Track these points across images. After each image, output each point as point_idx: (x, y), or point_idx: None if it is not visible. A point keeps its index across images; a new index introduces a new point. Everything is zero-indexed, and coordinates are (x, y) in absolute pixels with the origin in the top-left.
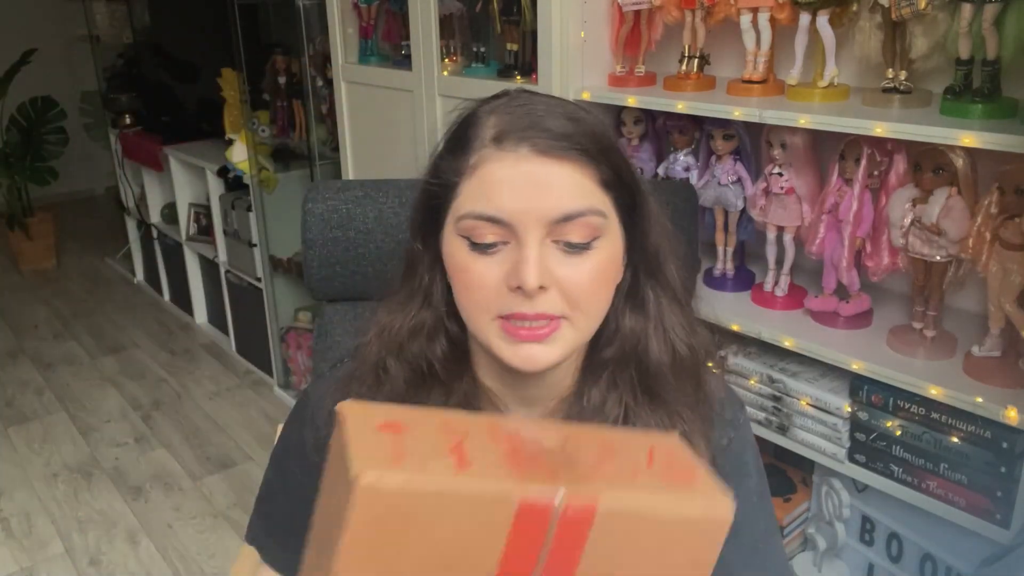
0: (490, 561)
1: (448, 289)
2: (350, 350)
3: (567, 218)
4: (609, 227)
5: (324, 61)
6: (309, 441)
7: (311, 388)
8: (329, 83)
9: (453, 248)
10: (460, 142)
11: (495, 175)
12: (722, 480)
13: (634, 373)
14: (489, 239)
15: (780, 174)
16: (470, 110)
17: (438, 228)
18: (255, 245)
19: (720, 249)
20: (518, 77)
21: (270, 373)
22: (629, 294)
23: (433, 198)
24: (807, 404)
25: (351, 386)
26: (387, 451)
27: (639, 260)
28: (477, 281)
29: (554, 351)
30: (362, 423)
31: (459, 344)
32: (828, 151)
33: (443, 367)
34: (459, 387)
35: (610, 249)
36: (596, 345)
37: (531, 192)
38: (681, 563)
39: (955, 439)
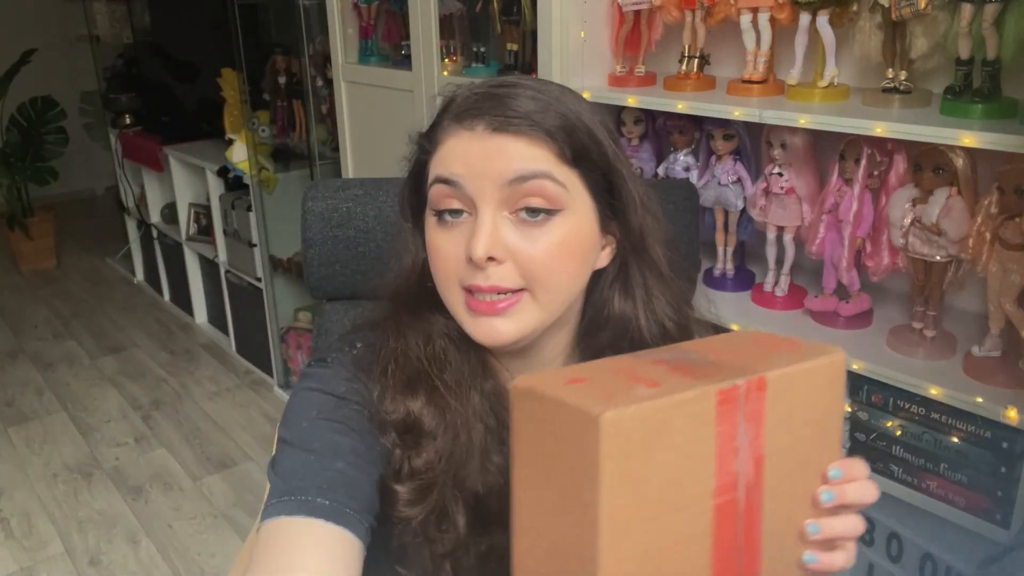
0: (709, 450)
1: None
2: (350, 337)
3: (519, 179)
4: (571, 201)
5: (324, 61)
6: (364, 394)
7: (338, 360)
8: (329, 83)
9: (428, 227)
10: (433, 121)
11: (454, 147)
12: None
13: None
14: (450, 205)
15: (780, 174)
16: (452, 92)
17: (422, 207)
18: (255, 245)
19: (720, 249)
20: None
21: (270, 373)
22: (618, 278)
23: (414, 176)
24: None
25: (395, 368)
26: (596, 395)
27: (624, 244)
28: (441, 255)
29: (514, 325)
30: (553, 386)
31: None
32: (828, 151)
33: (464, 335)
34: (474, 356)
35: (573, 225)
36: (590, 330)
37: (484, 159)
38: (830, 406)
39: (955, 439)
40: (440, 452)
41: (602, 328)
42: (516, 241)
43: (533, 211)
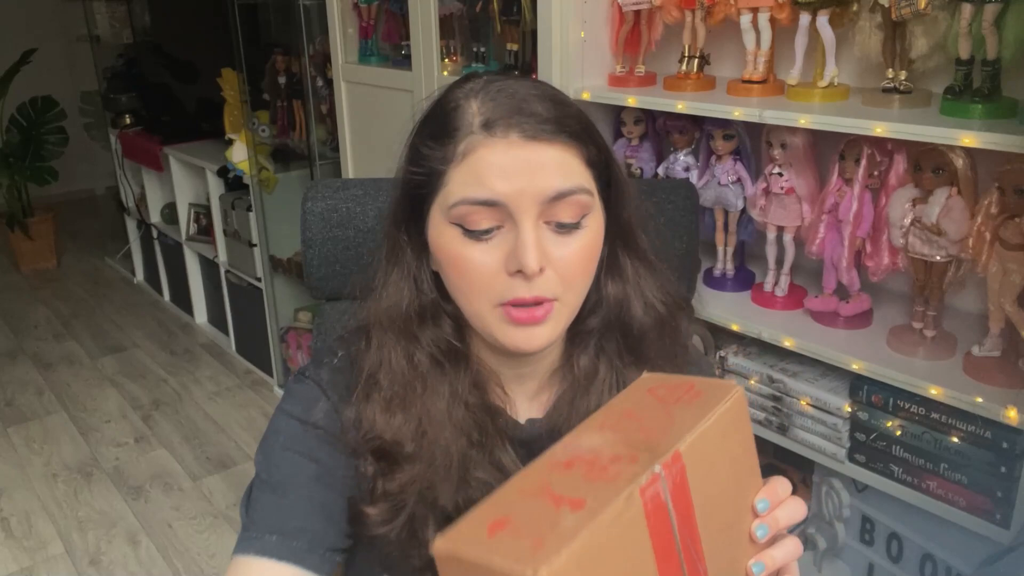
0: (646, 544)
1: (434, 276)
2: (332, 346)
3: (559, 196)
4: (595, 204)
5: (324, 61)
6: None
7: (316, 379)
8: (329, 83)
9: (445, 238)
10: (444, 129)
11: (487, 160)
12: None
13: (619, 337)
14: (484, 225)
15: (780, 174)
16: (445, 96)
17: (422, 217)
18: (255, 245)
19: (720, 249)
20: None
21: (270, 373)
22: (608, 264)
23: (417, 187)
24: (807, 404)
25: (371, 389)
26: (524, 545)
27: (615, 231)
28: (475, 268)
29: (550, 331)
30: (476, 543)
31: (461, 324)
32: (828, 151)
33: (452, 348)
34: (468, 366)
35: (596, 226)
36: (580, 315)
37: (524, 174)
38: (742, 441)
39: (955, 439)
40: (415, 476)
41: (592, 313)
42: (554, 249)
43: (566, 223)
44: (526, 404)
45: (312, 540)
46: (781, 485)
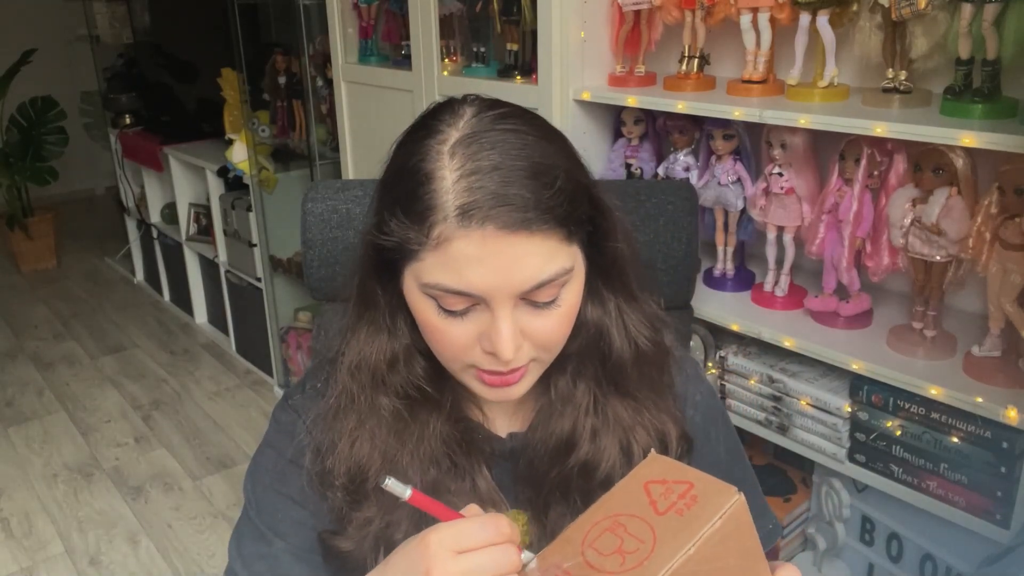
0: None
1: (411, 319)
2: (322, 364)
3: (538, 286)
4: (575, 272)
5: (324, 61)
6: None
7: (295, 408)
8: (329, 83)
9: (420, 305)
10: (417, 204)
11: (462, 252)
12: (700, 430)
13: (598, 365)
14: (459, 307)
15: (780, 174)
16: (416, 154)
17: (396, 274)
18: (255, 245)
19: (720, 249)
20: (518, 77)
21: (270, 373)
22: (590, 291)
23: (388, 252)
24: (807, 404)
25: (341, 422)
26: None
27: (599, 263)
28: (450, 340)
29: (524, 386)
30: None
31: (434, 363)
32: (828, 151)
33: (428, 386)
34: (445, 398)
35: (576, 289)
36: None
37: (501, 269)
38: (736, 559)
39: (955, 439)
40: (383, 506)
41: (573, 337)
42: (530, 324)
43: (546, 302)
44: (506, 419)
45: None
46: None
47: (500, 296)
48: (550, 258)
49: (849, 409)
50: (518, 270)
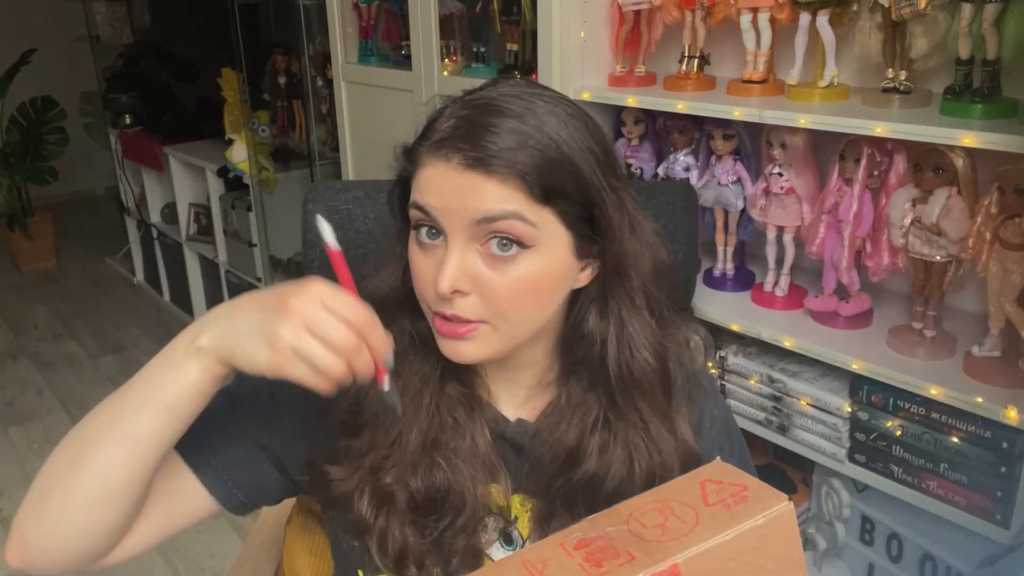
0: None
1: None
2: None
3: (488, 219)
4: (543, 238)
5: (324, 61)
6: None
7: None
8: (329, 83)
9: (410, 240)
10: (421, 134)
11: (427, 176)
12: (716, 443)
13: (606, 379)
14: (426, 235)
15: (780, 174)
16: (444, 103)
17: (406, 214)
18: (255, 245)
19: (720, 249)
20: (518, 77)
21: None
22: (596, 299)
23: (400, 185)
24: (807, 404)
25: None
26: None
27: (606, 267)
28: (418, 274)
29: (475, 348)
30: None
31: None
32: (828, 151)
33: (424, 339)
34: (441, 359)
35: (544, 261)
36: (567, 344)
37: (455, 195)
38: (773, 566)
39: (955, 439)
40: (376, 441)
41: (577, 343)
42: (483, 273)
43: (504, 244)
44: (513, 407)
45: (223, 468)
46: None
47: (453, 221)
48: (504, 200)
49: (849, 409)
50: (470, 199)
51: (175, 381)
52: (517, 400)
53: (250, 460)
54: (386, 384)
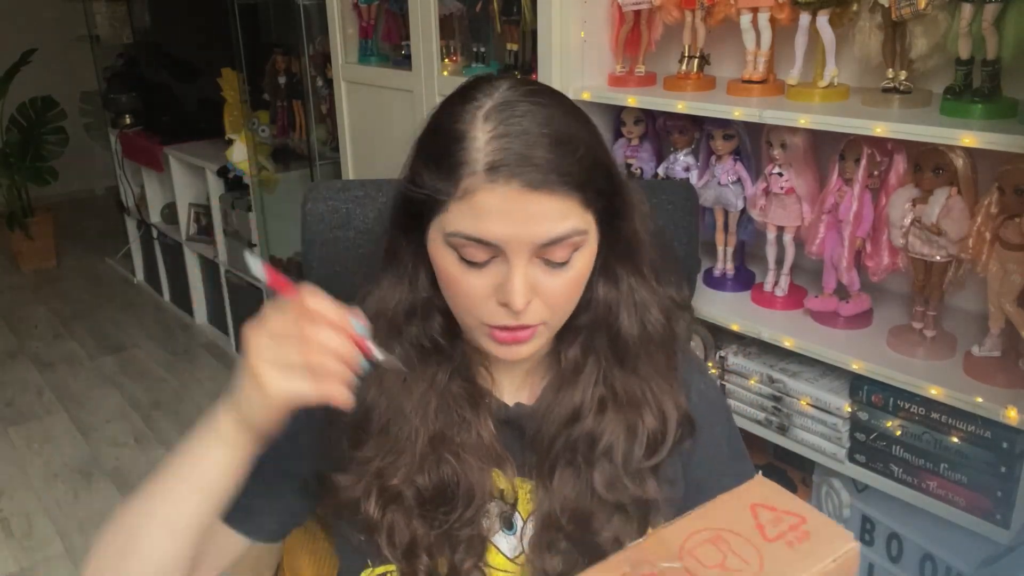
0: None
1: (432, 275)
2: None
3: (552, 242)
4: (589, 238)
5: (324, 61)
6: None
7: None
8: (329, 83)
9: (441, 255)
10: (448, 159)
11: (487, 204)
12: (703, 421)
13: (606, 340)
14: (479, 258)
15: (780, 174)
16: (453, 111)
17: (422, 226)
18: (255, 245)
19: (720, 249)
20: (518, 77)
21: None
22: (604, 269)
23: (417, 204)
24: (807, 404)
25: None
26: None
27: (614, 242)
28: (467, 291)
29: (532, 347)
30: None
31: (450, 319)
32: (828, 151)
33: (443, 339)
34: (456, 355)
35: (588, 255)
36: (573, 313)
37: (521, 222)
38: None
39: (955, 439)
40: (382, 448)
41: (583, 310)
42: (542, 282)
43: (560, 261)
44: (514, 389)
45: (258, 512)
46: None
47: (517, 247)
48: (565, 217)
49: (849, 409)
50: (535, 224)
51: (207, 466)
52: (516, 381)
53: (280, 495)
54: (377, 353)
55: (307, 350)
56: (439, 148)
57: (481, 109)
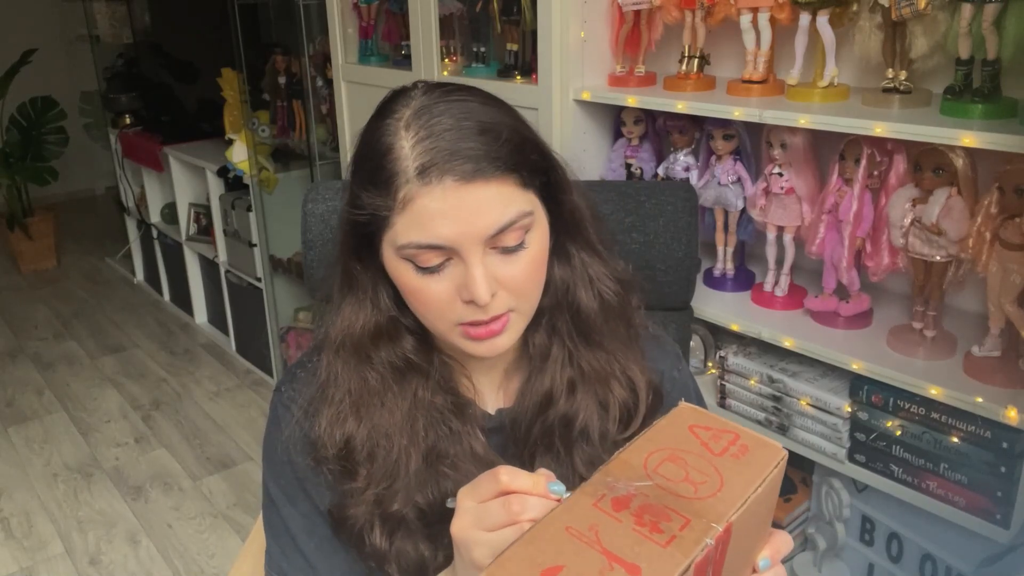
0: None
1: (395, 292)
2: (309, 353)
3: (500, 231)
4: (536, 217)
5: (324, 61)
6: (297, 448)
7: (282, 400)
8: (329, 83)
9: (399, 270)
10: (381, 174)
11: (428, 208)
12: (672, 403)
13: (568, 318)
14: (434, 262)
15: (780, 174)
16: (375, 132)
17: (374, 248)
18: (255, 245)
19: (720, 249)
20: (518, 77)
21: (270, 373)
22: (555, 249)
23: (363, 227)
24: (807, 404)
25: (328, 404)
26: None
27: (560, 221)
28: (431, 299)
29: (509, 337)
30: None
31: (421, 336)
32: (828, 151)
33: (416, 356)
34: (434, 369)
35: (541, 235)
36: None
37: (464, 217)
38: (766, 509)
39: (955, 439)
40: (373, 478)
41: (544, 294)
42: (502, 270)
43: (511, 247)
44: (494, 394)
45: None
46: (784, 543)
47: (468, 243)
48: (508, 202)
49: (849, 409)
50: (480, 216)
51: None
52: (495, 384)
53: (336, 551)
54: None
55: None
56: (370, 166)
57: (401, 120)
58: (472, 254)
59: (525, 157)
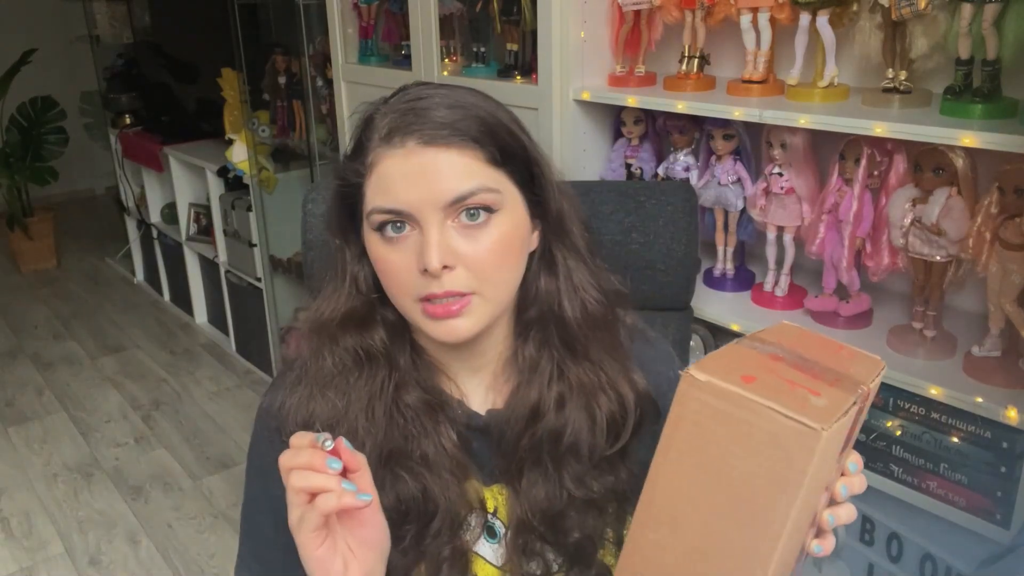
0: (835, 456)
1: (375, 276)
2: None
3: (459, 199)
4: (505, 201)
5: (324, 61)
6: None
7: (266, 401)
8: (329, 83)
9: (370, 243)
10: (358, 144)
11: (389, 170)
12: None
13: (555, 330)
14: (396, 232)
15: (780, 174)
16: (367, 112)
17: (357, 224)
18: (255, 245)
19: (720, 249)
20: (518, 77)
21: (270, 373)
22: (542, 258)
23: (345, 199)
24: None
25: (297, 388)
26: (787, 403)
27: (545, 225)
28: (393, 269)
29: (471, 322)
30: (732, 382)
31: (396, 328)
32: (828, 151)
33: (386, 350)
34: (406, 365)
35: (510, 221)
36: (521, 306)
37: (423, 181)
38: (863, 414)
39: (955, 439)
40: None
41: (531, 304)
42: (462, 245)
43: (473, 213)
44: (483, 395)
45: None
46: (859, 459)
47: (427, 209)
48: (470, 173)
49: None
50: (438, 181)
51: None
52: (484, 386)
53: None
54: (347, 445)
55: (299, 499)
56: (354, 140)
57: (385, 100)
58: (430, 222)
59: (497, 137)
